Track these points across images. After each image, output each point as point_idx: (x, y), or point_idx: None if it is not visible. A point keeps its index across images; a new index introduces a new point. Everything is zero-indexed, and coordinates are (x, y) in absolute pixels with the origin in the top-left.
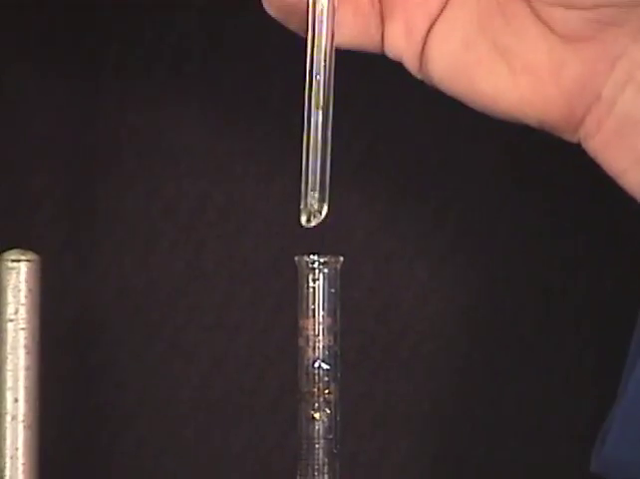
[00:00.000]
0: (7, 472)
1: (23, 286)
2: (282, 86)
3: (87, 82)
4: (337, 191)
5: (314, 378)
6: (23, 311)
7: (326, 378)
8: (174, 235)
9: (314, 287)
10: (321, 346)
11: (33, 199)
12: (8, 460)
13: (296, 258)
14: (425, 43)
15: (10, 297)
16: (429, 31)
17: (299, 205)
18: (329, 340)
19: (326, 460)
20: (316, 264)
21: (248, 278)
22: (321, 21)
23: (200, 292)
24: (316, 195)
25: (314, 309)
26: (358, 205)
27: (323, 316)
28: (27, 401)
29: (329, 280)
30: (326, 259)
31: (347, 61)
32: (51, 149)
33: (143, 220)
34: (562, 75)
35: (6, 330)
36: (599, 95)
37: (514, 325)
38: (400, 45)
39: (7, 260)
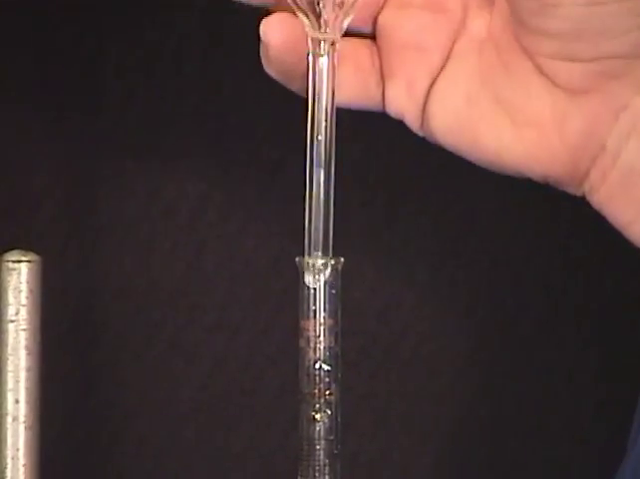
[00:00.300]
0: (8, 473)
1: (24, 287)
2: (283, 85)
3: (87, 82)
4: (337, 190)
5: (315, 379)
6: (24, 312)
7: (327, 379)
8: (175, 235)
9: (315, 288)
10: (322, 347)
11: (33, 199)
12: (9, 461)
13: (297, 259)
14: (426, 100)
15: (11, 298)
16: (430, 88)
17: (303, 258)
18: (330, 341)
19: (327, 461)
20: (317, 265)
21: (249, 279)
22: (321, 81)
23: (201, 293)
24: (319, 254)
25: (315, 310)
26: (358, 205)
27: (324, 317)
28: (28, 402)
29: (330, 281)
30: (327, 260)
31: None
32: (51, 149)
33: (143, 220)
34: (566, 128)
35: (7, 331)
36: (603, 147)
37: (515, 325)
38: (401, 103)
39: (8, 261)
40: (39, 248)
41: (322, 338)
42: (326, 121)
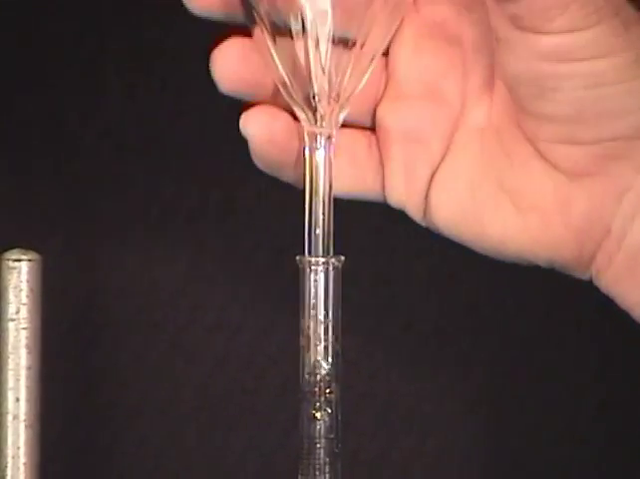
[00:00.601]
0: (9, 471)
1: (24, 286)
2: None
3: (87, 81)
4: None
5: (315, 378)
6: (24, 311)
7: (327, 378)
8: (175, 234)
9: (315, 287)
10: (322, 346)
11: (34, 198)
12: (10, 459)
13: (298, 258)
14: (428, 190)
15: (11, 297)
16: (431, 178)
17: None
18: (330, 340)
19: (327, 459)
20: (317, 264)
21: (249, 278)
22: (318, 175)
23: (201, 292)
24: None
25: (315, 309)
26: (358, 204)
27: (324, 316)
28: (28, 401)
29: (330, 280)
30: (328, 259)
31: None
32: (51, 147)
33: (143, 219)
34: (570, 212)
35: (7, 330)
36: (609, 229)
37: (515, 325)
38: (402, 194)
39: (8, 260)
40: (39, 247)
41: (322, 337)
42: (324, 214)
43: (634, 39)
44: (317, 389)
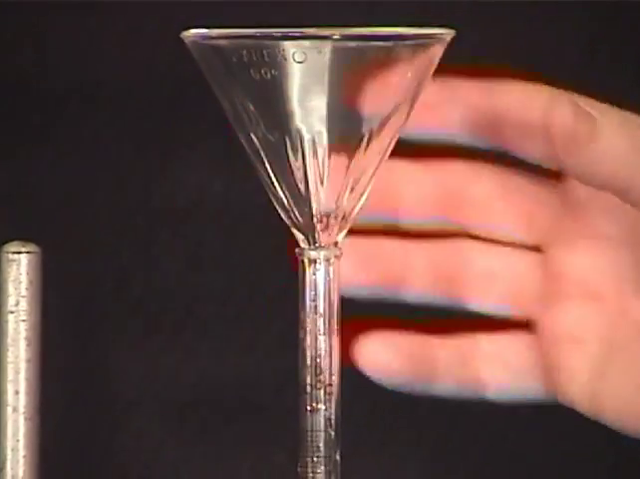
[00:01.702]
0: (8, 464)
1: (24, 278)
2: None
3: (85, 73)
4: None
5: (315, 371)
6: (24, 303)
7: (327, 370)
8: (174, 225)
9: (315, 279)
10: (322, 338)
11: (33, 190)
12: (9, 452)
13: (297, 250)
14: (593, 388)
15: (11, 289)
16: (596, 377)
17: None
18: (329, 332)
19: (327, 452)
20: (317, 256)
21: (248, 270)
22: (318, 293)
23: (201, 283)
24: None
25: (315, 301)
26: None
27: (324, 308)
28: (28, 393)
29: (329, 272)
30: (327, 251)
31: None
32: (50, 139)
33: (142, 210)
34: None
35: (7, 322)
36: None
37: None
38: (567, 392)
39: (8, 252)
40: (39, 239)
41: (322, 329)
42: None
43: None
44: (317, 382)
